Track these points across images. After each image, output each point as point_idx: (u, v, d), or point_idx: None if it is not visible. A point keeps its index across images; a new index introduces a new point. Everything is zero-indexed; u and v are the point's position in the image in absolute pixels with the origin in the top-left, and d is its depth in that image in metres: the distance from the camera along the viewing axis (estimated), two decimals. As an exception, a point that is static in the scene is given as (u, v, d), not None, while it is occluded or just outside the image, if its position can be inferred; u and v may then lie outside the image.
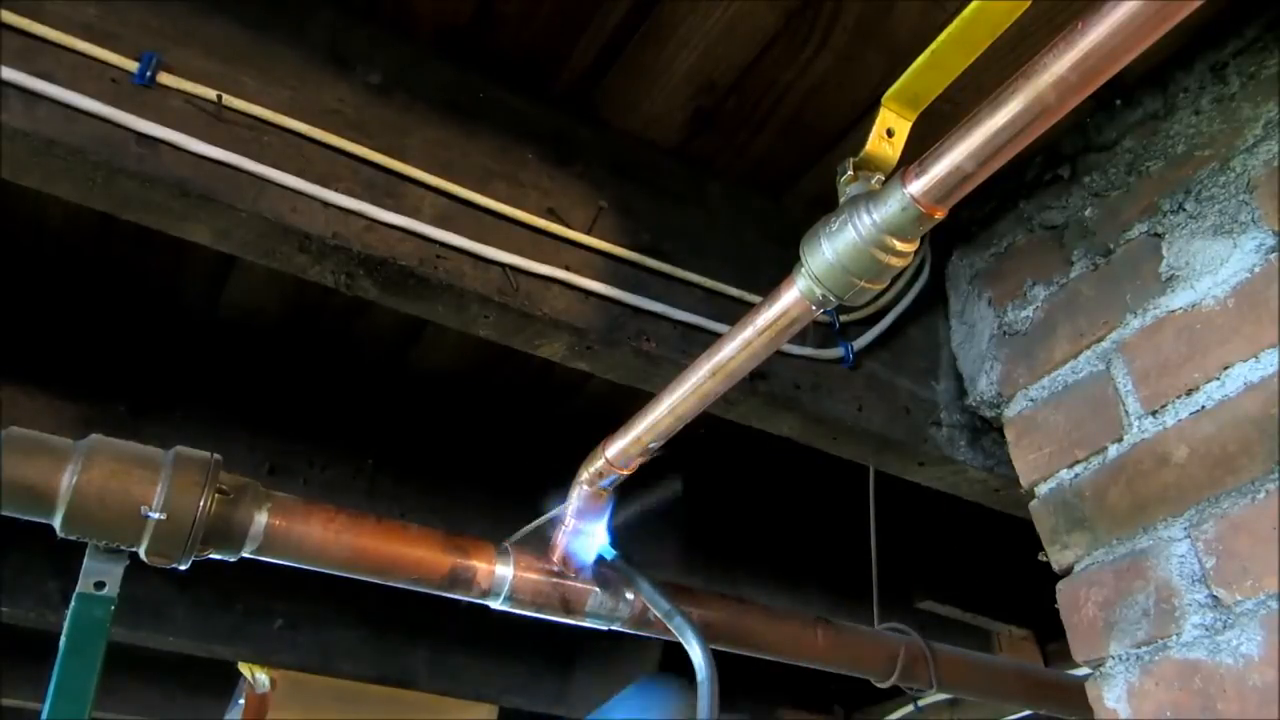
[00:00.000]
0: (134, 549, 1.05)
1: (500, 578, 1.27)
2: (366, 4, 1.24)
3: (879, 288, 0.84)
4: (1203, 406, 1.16)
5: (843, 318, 1.46)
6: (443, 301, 1.22)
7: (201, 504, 1.05)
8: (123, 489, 1.02)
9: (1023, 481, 1.37)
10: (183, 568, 1.08)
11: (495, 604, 1.30)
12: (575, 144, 1.36)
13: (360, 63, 1.23)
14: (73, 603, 1.01)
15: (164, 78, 1.08)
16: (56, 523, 1.01)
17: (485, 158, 1.28)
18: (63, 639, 1.00)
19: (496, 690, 2.33)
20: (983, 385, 1.46)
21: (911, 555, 2.35)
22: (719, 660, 1.21)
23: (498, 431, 1.98)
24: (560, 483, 1.30)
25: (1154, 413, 1.21)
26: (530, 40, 1.29)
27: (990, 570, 2.52)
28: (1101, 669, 1.20)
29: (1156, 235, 1.26)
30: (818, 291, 0.84)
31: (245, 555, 1.14)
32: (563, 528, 1.30)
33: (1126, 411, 1.24)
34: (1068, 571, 1.28)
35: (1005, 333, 1.44)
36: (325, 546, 1.17)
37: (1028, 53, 0.67)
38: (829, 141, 1.41)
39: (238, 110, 1.11)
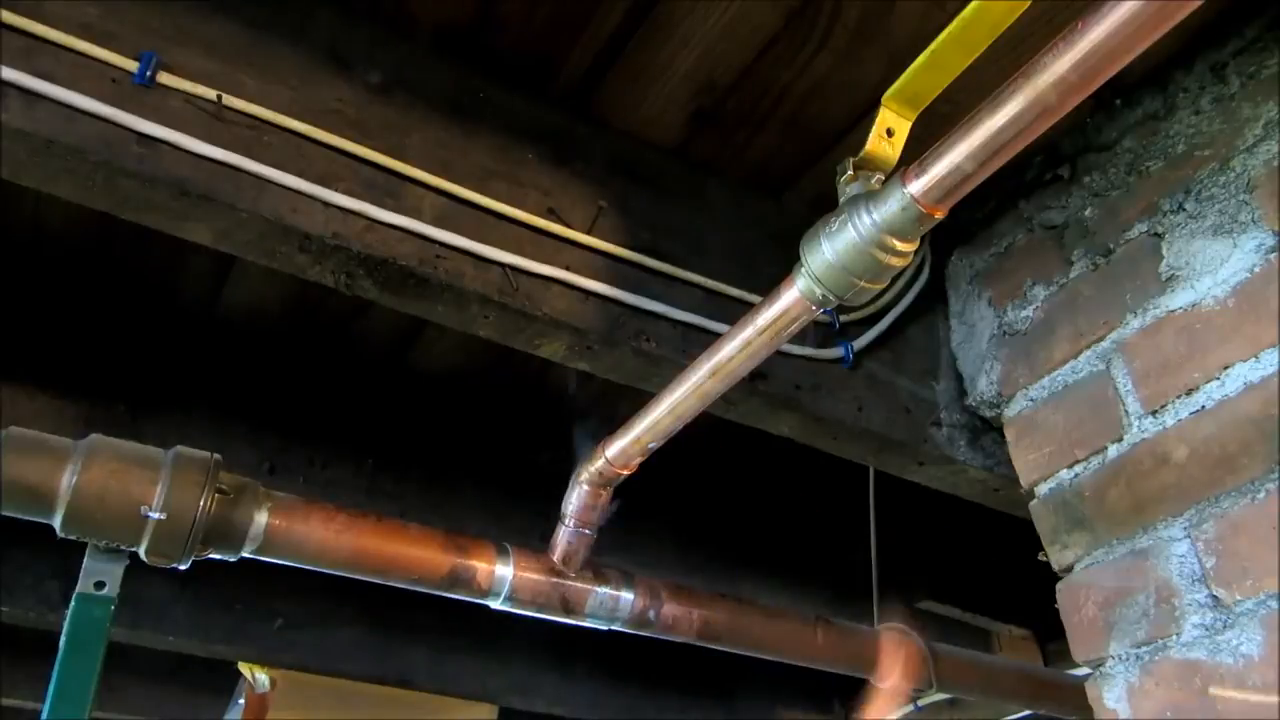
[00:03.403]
0: (134, 549, 1.05)
1: (500, 578, 1.27)
2: (366, 4, 1.24)
3: (879, 287, 0.84)
4: (1203, 406, 1.16)
5: (843, 318, 1.46)
6: (443, 301, 1.23)
7: (201, 504, 1.05)
8: (123, 489, 1.02)
9: (1023, 481, 1.37)
10: (183, 568, 1.08)
11: (495, 604, 1.30)
12: (575, 144, 1.36)
13: (360, 63, 1.23)
14: (73, 603, 1.01)
15: (164, 78, 1.08)
16: (56, 523, 1.01)
17: (485, 158, 1.28)
18: (63, 639, 1.00)
19: (496, 690, 2.33)
20: (983, 385, 1.46)
21: (911, 555, 2.35)
22: (719, 658, 1.21)
23: (498, 431, 1.98)
24: (560, 482, 1.30)
25: (1154, 413, 1.21)
26: (530, 40, 1.29)
27: (990, 570, 2.52)
28: (1101, 669, 1.20)
29: (1156, 235, 1.26)
30: (818, 291, 0.84)
31: (245, 555, 1.14)
32: (562, 527, 1.30)
33: (1126, 411, 1.24)
34: (1068, 571, 1.28)
35: (1005, 333, 1.44)
36: (325, 546, 1.17)
37: (1028, 53, 0.67)
38: (829, 141, 1.41)
39: (238, 110, 1.11)
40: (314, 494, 1.56)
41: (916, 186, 0.73)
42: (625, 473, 1.21)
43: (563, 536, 1.30)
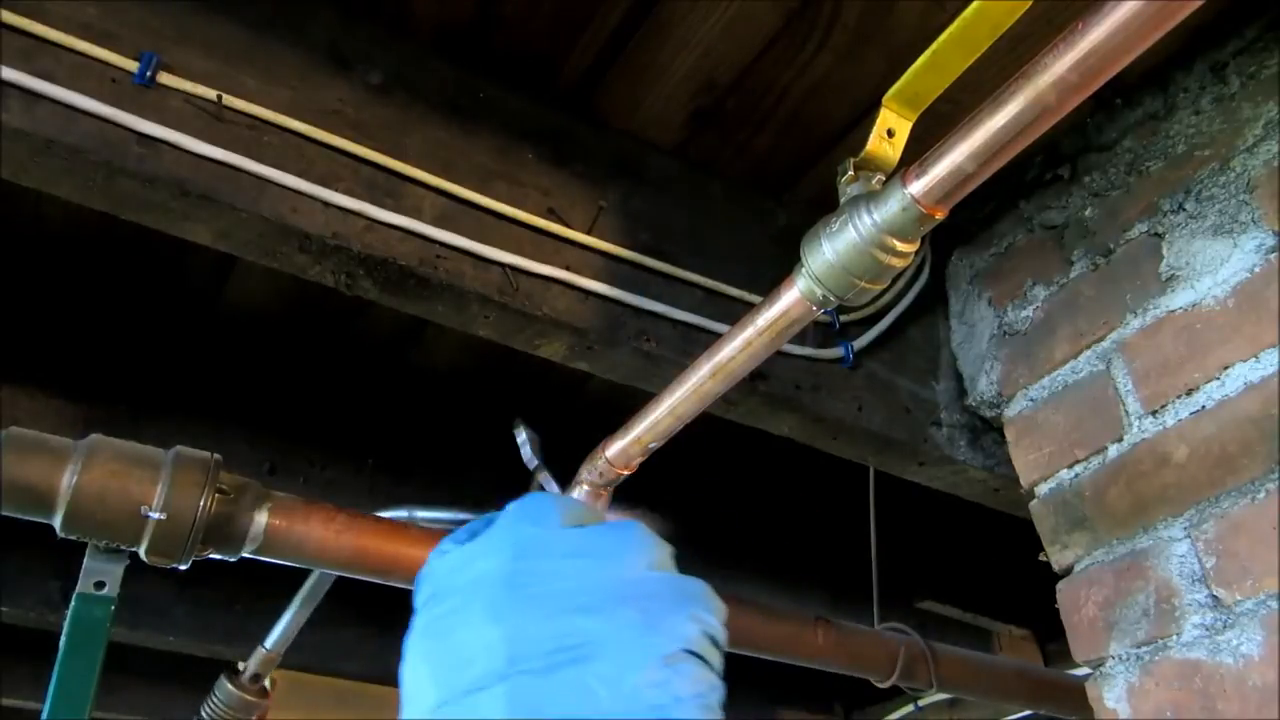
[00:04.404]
0: (134, 549, 1.04)
1: (500, 577, 1.26)
2: (366, 4, 1.24)
3: (879, 288, 0.84)
4: (1203, 406, 1.16)
5: (843, 318, 1.46)
6: (443, 301, 1.22)
7: (201, 504, 1.05)
8: (123, 489, 1.02)
9: (1023, 481, 1.37)
10: (183, 568, 1.08)
11: (495, 604, 1.29)
12: (575, 144, 1.36)
13: (360, 63, 1.23)
14: (73, 603, 1.01)
15: (164, 78, 1.08)
16: (56, 523, 1.01)
17: (485, 158, 1.28)
18: (63, 639, 1.00)
19: (496, 690, 2.33)
20: (983, 385, 1.46)
21: (911, 555, 2.35)
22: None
23: (499, 430, 1.98)
24: (561, 481, 1.30)
25: (1154, 412, 1.21)
26: (530, 40, 1.29)
27: (990, 570, 2.52)
28: (1101, 669, 1.20)
29: (1156, 235, 1.26)
30: (818, 292, 0.84)
31: (245, 555, 1.14)
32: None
33: (1126, 411, 1.24)
34: (1068, 571, 1.28)
35: (1005, 333, 1.44)
36: (325, 546, 1.16)
37: (1028, 53, 0.67)
38: (829, 141, 1.41)
39: (238, 110, 1.11)
40: (314, 494, 1.56)
41: (917, 187, 0.73)
42: (625, 473, 1.21)
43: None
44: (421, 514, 1.25)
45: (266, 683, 1.50)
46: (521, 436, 1.06)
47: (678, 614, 0.50)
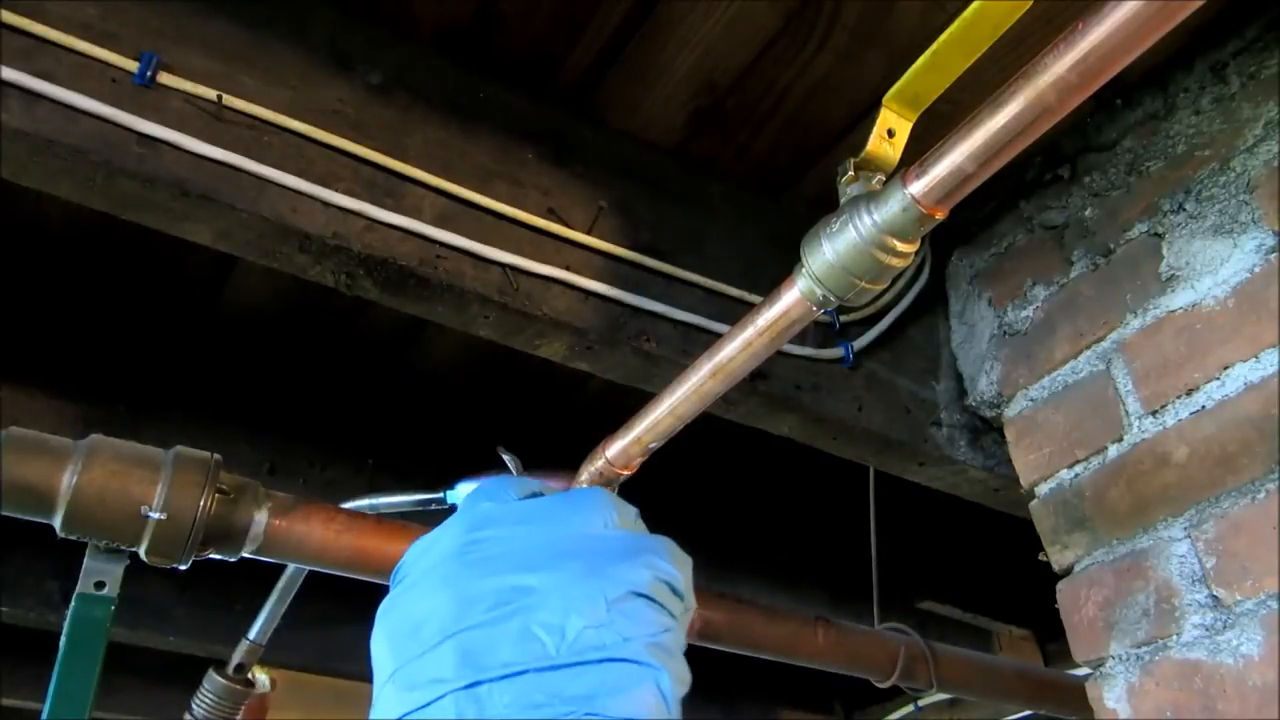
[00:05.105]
0: (134, 549, 1.04)
1: (500, 578, 1.26)
2: (366, 4, 1.24)
3: (879, 288, 0.84)
4: (1203, 406, 1.16)
5: (843, 318, 1.46)
6: (443, 302, 1.22)
7: (202, 504, 1.05)
8: (123, 489, 1.02)
9: (1023, 481, 1.37)
10: (183, 568, 1.08)
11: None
12: (575, 144, 1.36)
13: (360, 63, 1.23)
14: (73, 603, 1.01)
15: (164, 78, 1.08)
16: (56, 523, 1.01)
17: (485, 158, 1.28)
18: (63, 639, 0.99)
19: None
20: (983, 385, 1.46)
21: (911, 555, 2.35)
22: (719, 659, 1.21)
23: (498, 430, 1.98)
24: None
25: (1154, 413, 1.21)
26: (531, 40, 1.29)
27: (990, 570, 2.52)
28: (1101, 669, 1.20)
29: (1156, 235, 1.27)
30: (818, 292, 0.84)
31: (245, 555, 1.14)
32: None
33: (1126, 411, 1.24)
34: (1068, 571, 1.29)
35: (1005, 333, 1.44)
36: (325, 546, 1.16)
37: (1028, 53, 0.67)
38: (829, 141, 1.41)
39: (238, 110, 1.11)
40: (314, 494, 1.56)
41: (917, 187, 0.73)
42: (626, 473, 1.21)
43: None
44: (383, 500, 1.26)
45: (255, 674, 1.50)
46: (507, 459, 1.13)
47: (628, 563, 0.50)
